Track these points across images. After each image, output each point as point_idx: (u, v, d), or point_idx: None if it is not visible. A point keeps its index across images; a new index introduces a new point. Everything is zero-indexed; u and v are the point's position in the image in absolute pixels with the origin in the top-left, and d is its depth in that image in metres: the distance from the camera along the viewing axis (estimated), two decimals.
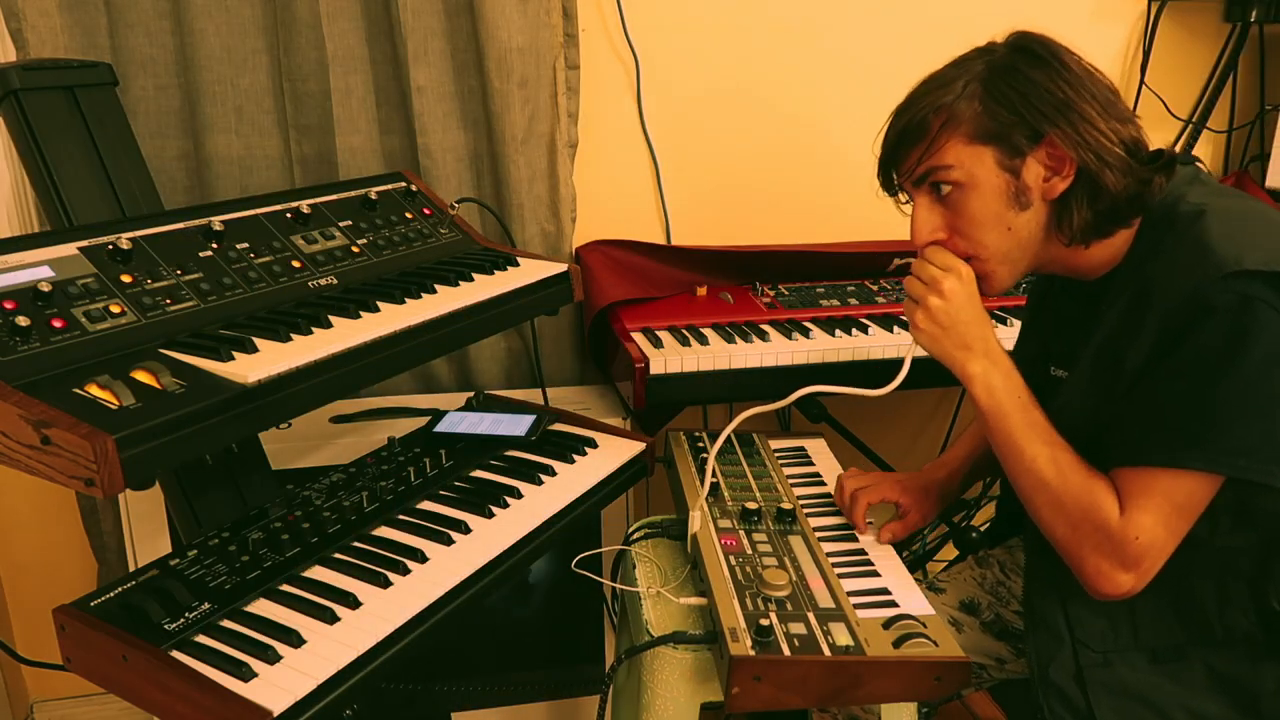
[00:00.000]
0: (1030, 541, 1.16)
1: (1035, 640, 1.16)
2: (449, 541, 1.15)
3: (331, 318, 1.15)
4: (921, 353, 1.15)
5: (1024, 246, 1.07)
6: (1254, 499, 1.01)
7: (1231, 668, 1.07)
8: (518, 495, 1.27)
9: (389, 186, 1.50)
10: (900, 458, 2.08)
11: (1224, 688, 1.07)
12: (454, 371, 1.94)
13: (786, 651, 1.02)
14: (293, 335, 1.09)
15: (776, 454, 1.55)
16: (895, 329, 1.74)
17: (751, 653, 1.01)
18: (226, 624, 0.98)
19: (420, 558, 1.11)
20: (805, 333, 1.71)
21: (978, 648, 1.34)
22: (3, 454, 0.89)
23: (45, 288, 0.99)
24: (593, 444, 1.43)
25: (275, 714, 0.87)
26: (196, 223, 1.20)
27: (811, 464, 1.53)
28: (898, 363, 1.19)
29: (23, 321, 0.94)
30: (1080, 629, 1.11)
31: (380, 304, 1.21)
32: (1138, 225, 1.06)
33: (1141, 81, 2.11)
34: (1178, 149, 2.20)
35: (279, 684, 0.90)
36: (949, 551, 1.62)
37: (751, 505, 1.32)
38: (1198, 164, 1.12)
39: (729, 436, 1.30)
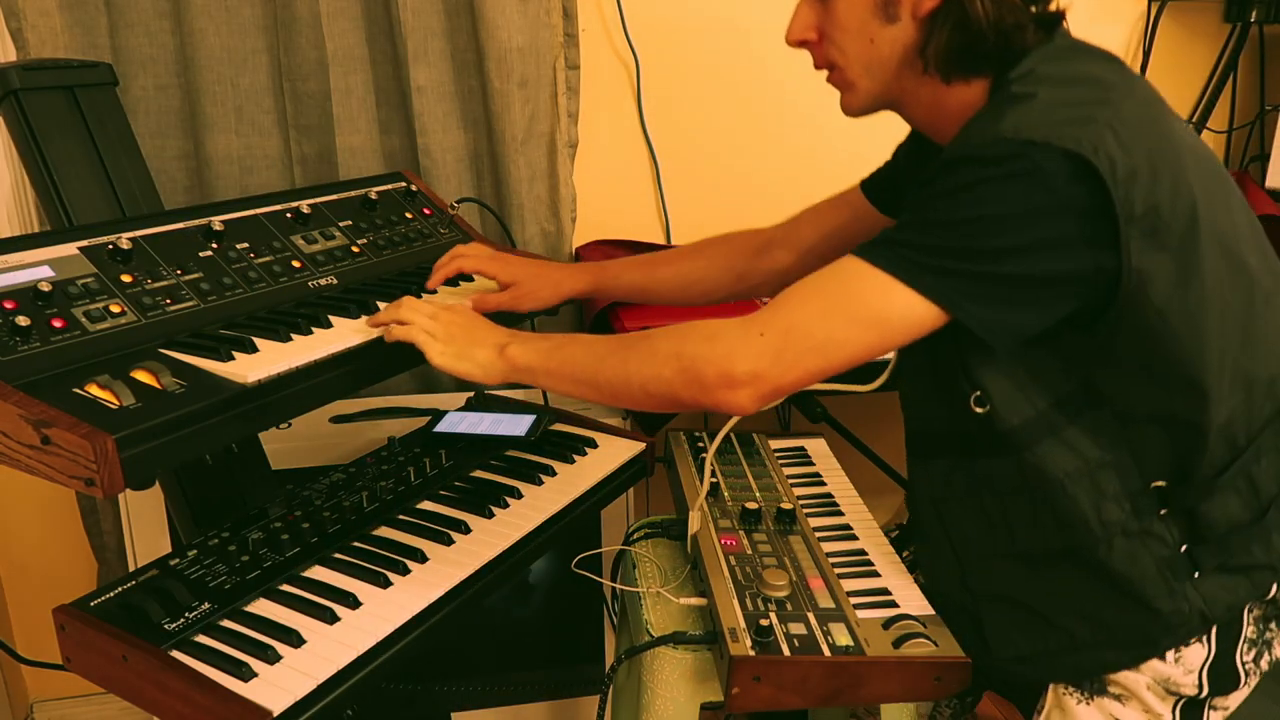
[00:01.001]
0: (909, 447, 1.13)
1: (920, 550, 1.15)
2: (449, 541, 1.15)
3: (331, 318, 1.15)
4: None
5: (885, 63, 1.03)
6: (1097, 383, 0.97)
7: (1115, 564, 1.00)
8: (518, 495, 1.27)
9: (389, 186, 1.50)
10: (900, 458, 2.08)
11: (1110, 585, 1.01)
12: None
13: (786, 651, 1.02)
14: (293, 335, 1.09)
15: (776, 454, 1.55)
16: None
17: (751, 653, 1.01)
18: (226, 624, 0.98)
19: (420, 558, 1.11)
20: None
21: None
22: (3, 454, 0.89)
23: (45, 288, 0.99)
24: (593, 444, 1.43)
25: (275, 714, 0.87)
26: (196, 223, 1.20)
27: (811, 464, 1.53)
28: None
29: (23, 321, 0.94)
30: (956, 534, 1.08)
31: (380, 304, 1.21)
32: (989, 87, 1.00)
33: None
34: None
35: (279, 684, 0.90)
36: None
37: (751, 505, 1.32)
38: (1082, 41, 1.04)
39: (728, 436, 1.30)
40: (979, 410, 0.99)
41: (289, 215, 1.31)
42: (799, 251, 1.35)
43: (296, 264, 1.25)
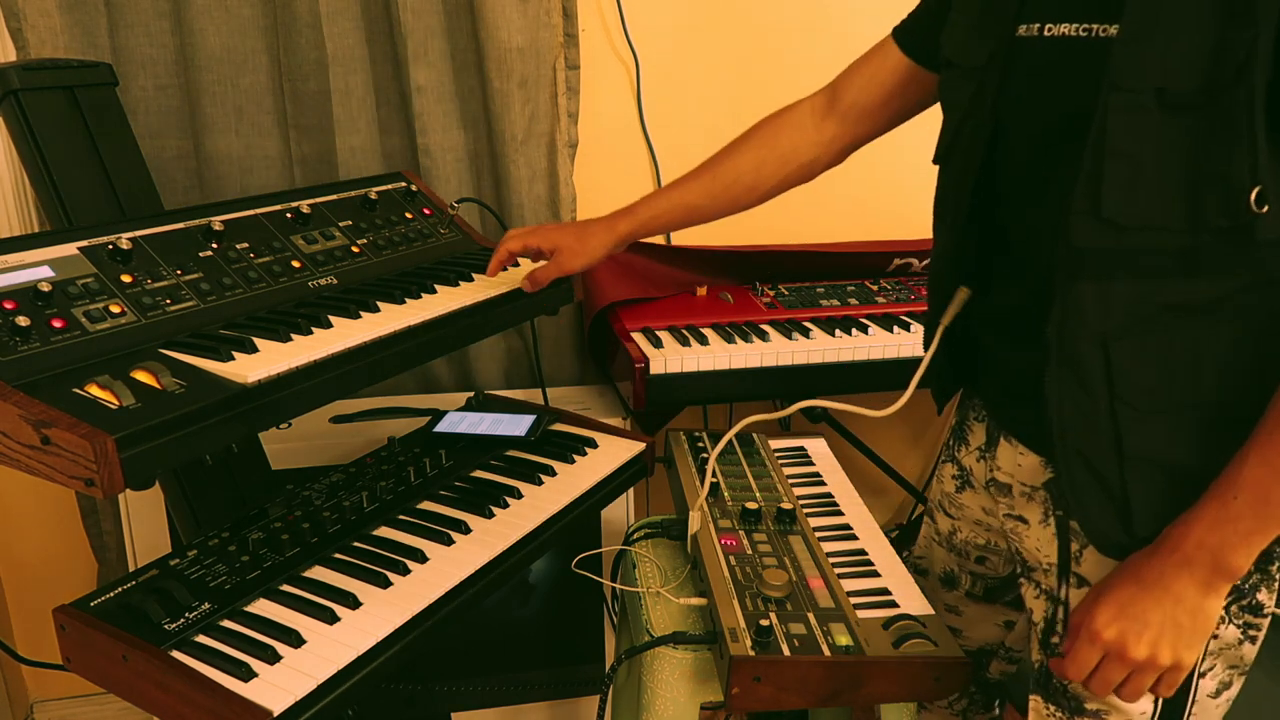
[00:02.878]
0: (1070, 269, 0.88)
1: (1063, 403, 0.90)
2: (449, 541, 1.15)
3: (331, 318, 1.15)
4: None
5: None
6: None
7: None
8: (518, 495, 1.27)
9: (389, 186, 1.50)
10: (900, 458, 2.09)
11: None
12: (454, 371, 1.94)
13: (786, 652, 1.02)
14: (293, 335, 1.09)
15: (776, 454, 1.55)
16: (895, 329, 1.74)
17: (751, 653, 1.01)
18: (226, 624, 0.98)
19: (420, 558, 1.11)
20: (805, 333, 1.71)
21: (982, 622, 1.27)
22: (3, 454, 0.89)
23: (45, 288, 0.99)
24: (593, 444, 1.43)
25: (275, 714, 0.87)
26: (196, 223, 1.20)
27: (811, 464, 1.53)
28: (896, 363, 1.19)
29: (23, 321, 0.94)
30: (1126, 382, 0.87)
31: (380, 304, 1.21)
32: None
33: None
34: None
35: (279, 684, 0.90)
36: None
37: (751, 505, 1.32)
38: None
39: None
40: (1257, 211, 0.78)
41: (289, 215, 1.31)
42: (848, 118, 1.24)
43: (296, 264, 1.25)
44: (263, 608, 1.02)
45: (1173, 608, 0.86)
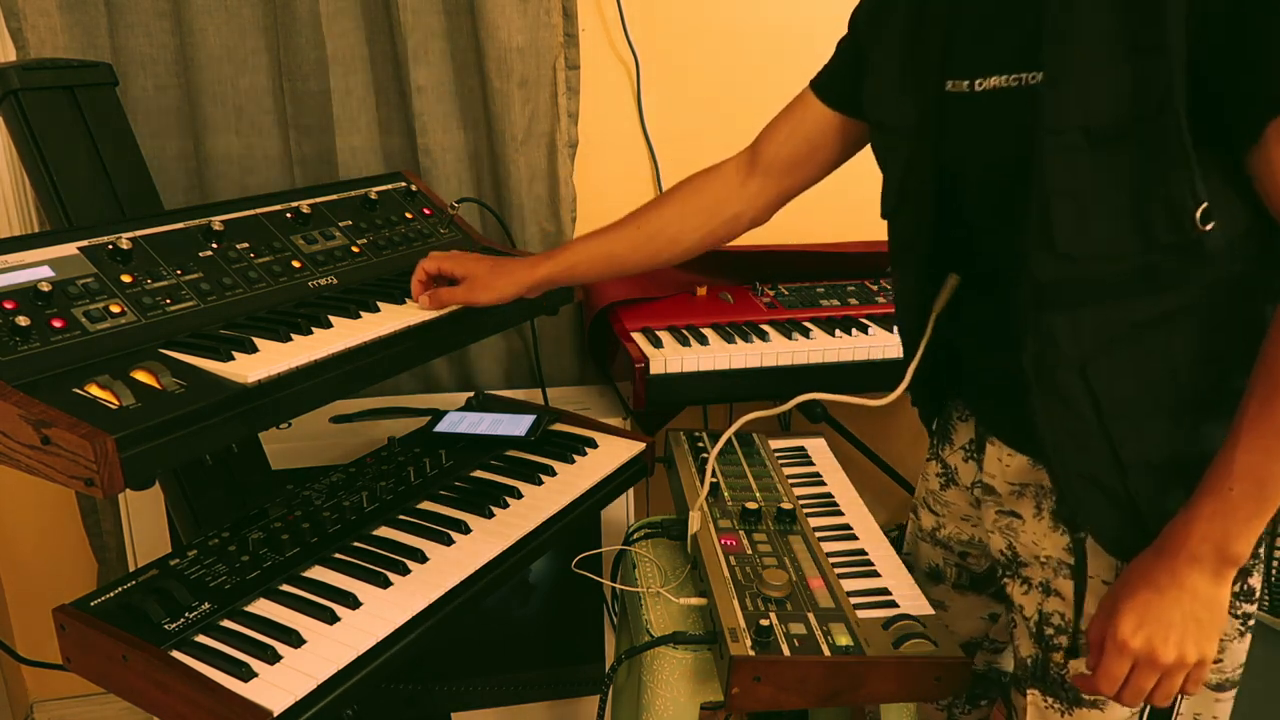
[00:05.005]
0: (1039, 302, 0.91)
1: (1048, 421, 0.93)
2: (449, 541, 1.15)
3: (331, 318, 1.15)
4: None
5: None
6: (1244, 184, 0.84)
7: None
8: (518, 495, 1.27)
9: (389, 186, 1.50)
10: (900, 458, 2.08)
11: None
12: (454, 371, 1.94)
13: (786, 651, 1.02)
14: (293, 335, 1.09)
15: (776, 454, 1.55)
16: (895, 329, 1.74)
17: (751, 653, 1.01)
18: (226, 624, 0.98)
19: (420, 558, 1.11)
20: (805, 333, 1.71)
21: (968, 616, 1.28)
22: (3, 454, 0.89)
23: (45, 288, 0.99)
24: (593, 444, 1.43)
25: (275, 714, 0.87)
26: (196, 223, 1.20)
27: (811, 464, 1.53)
28: (896, 363, 1.19)
29: (23, 321, 0.94)
30: (1109, 398, 0.90)
31: (380, 304, 1.21)
32: None
33: None
34: None
35: (279, 684, 0.90)
36: None
37: (751, 505, 1.32)
38: None
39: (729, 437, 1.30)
40: (1202, 229, 0.82)
41: (289, 215, 1.31)
42: (771, 171, 1.24)
43: (296, 264, 1.25)
44: (263, 608, 1.02)
45: (1190, 604, 0.87)
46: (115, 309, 1.03)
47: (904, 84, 1.04)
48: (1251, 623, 0.98)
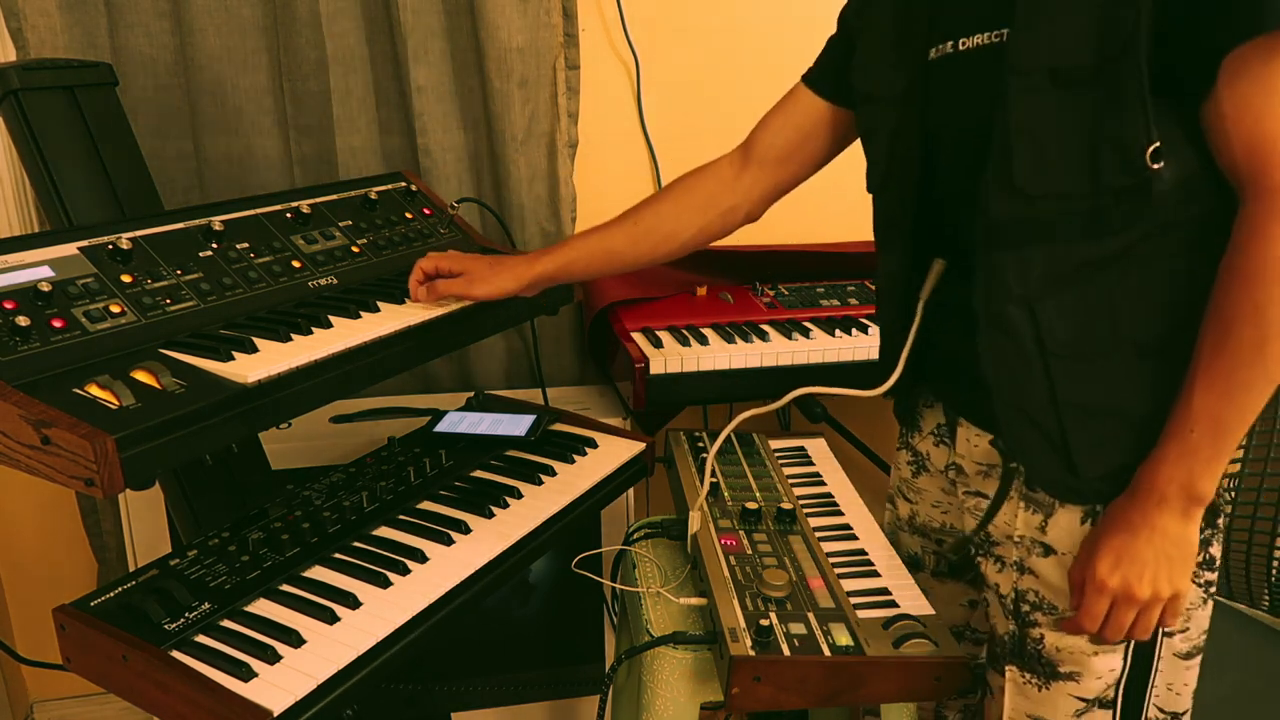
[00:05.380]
0: (989, 241, 0.96)
1: (995, 357, 0.98)
2: (449, 541, 1.15)
3: (331, 318, 1.15)
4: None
5: None
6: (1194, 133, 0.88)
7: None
8: (518, 495, 1.27)
9: (389, 186, 1.50)
10: None
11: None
12: (454, 371, 1.94)
13: (786, 651, 1.02)
14: (293, 335, 1.09)
15: (776, 454, 1.55)
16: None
17: (751, 653, 1.01)
18: (226, 624, 0.98)
19: (420, 558, 1.11)
20: (805, 333, 1.71)
21: (948, 604, 1.29)
22: (3, 454, 0.89)
23: (45, 288, 0.99)
24: (593, 444, 1.43)
25: (275, 714, 0.87)
26: (196, 223, 1.20)
27: (811, 464, 1.53)
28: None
29: (23, 321, 0.94)
30: (1051, 337, 0.94)
31: (380, 304, 1.21)
32: None
33: None
34: None
35: (279, 684, 0.90)
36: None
37: (751, 505, 1.32)
38: None
39: (729, 436, 1.30)
40: (1153, 167, 0.86)
41: (289, 215, 1.31)
42: (765, 164, 1.28)
43: (296, 264, 1.25)
44: (263, 608, 1.02)
45: (1161, 543, 0.93)
46: (115, 309, 1.03)
47: (894, 55, 1.08)
48: (1213, 590, 1.03)
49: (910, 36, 1.06)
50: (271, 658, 0.93)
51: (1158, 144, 0.85)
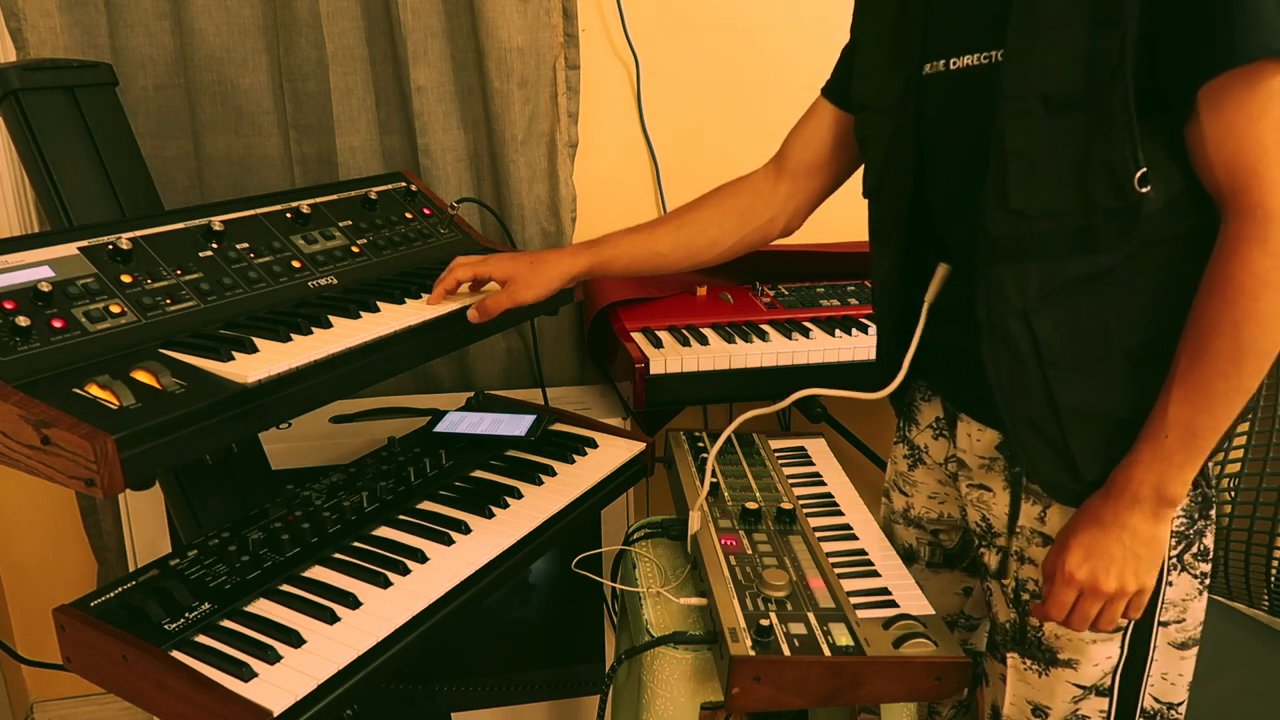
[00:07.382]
0: (988, 256, 0.99)
1: (998, 365, 1.01)
2: (449, 541, 1.15)
3: (331, 318, 1.15)
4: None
5: None
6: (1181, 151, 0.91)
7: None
8: (518, 495, 1.27)
9: (389, 186, 1.50)
10: None
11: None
12: (454, 371, 1.94)
13: (786, 651, 1.02)
14: (293, 335, 1.09)
15: (776, 454, 1.55)
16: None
17: (751, 653, 1.01)
18: (226, 624, 0.98)
19: (420, 558, 1.11)
20: (805, 333, 1.71)
21: (943, 594, 1.30)
22: (3, 454, 0.89)
23: (45, 288, 0.99)
24: (593, 444, 1.43)
25: (275, 714, 0.87)
26: (196, 223, 1.20)
27: (811, 464, 1.53)
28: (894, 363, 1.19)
29: (23, 321, 0.94)
30: (1048, 346, 0.97)
31: (380, 304, 1.21)
32: None
33: None
34: None
35: (279, 684, 0.90)
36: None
37: (751, 505, 1.32)
38: None
39: (729, 436, 1.30)
40: (1141, 191, 0.89)
41: (289, 215, 1.31)
42: (798, 176, 1.32)
43: (296, 264, 1.25)
44: (263, 608, 1.02)
45: (1130, 541, 0.96)
46: (115, 309, 1.03)
47: (889, 64, 1.11)
48: (1208, 581, 1.05)
49: (905, 50, 1.09)
50: (271, 658, 0.93)
51: (1145, 169, 0.89)
